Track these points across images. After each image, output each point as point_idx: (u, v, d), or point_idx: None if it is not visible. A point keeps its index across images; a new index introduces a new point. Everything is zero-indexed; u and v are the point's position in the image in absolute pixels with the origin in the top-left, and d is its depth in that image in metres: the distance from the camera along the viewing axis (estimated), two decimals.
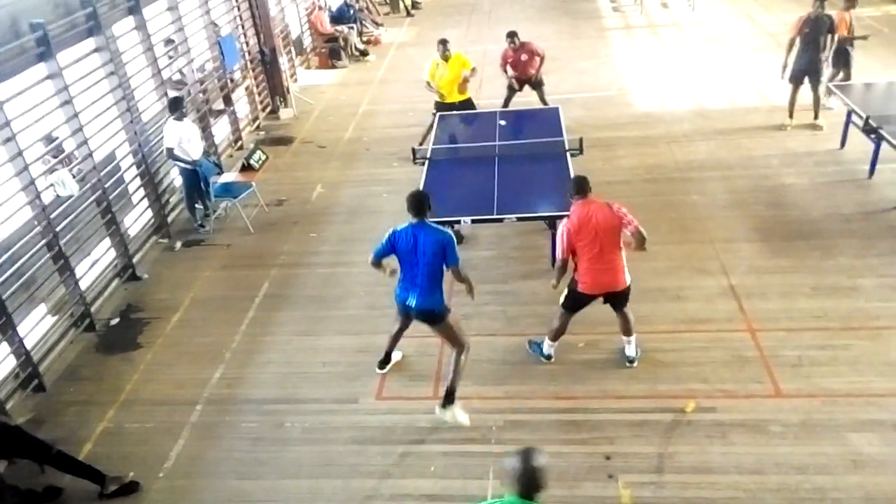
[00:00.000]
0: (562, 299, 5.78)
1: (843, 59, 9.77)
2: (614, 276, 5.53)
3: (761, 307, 6.47)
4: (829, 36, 9.29)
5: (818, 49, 9.31)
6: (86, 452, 5.62)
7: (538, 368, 6.02)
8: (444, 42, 9.44)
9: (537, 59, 9.98)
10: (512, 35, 9.90)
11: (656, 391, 5.66)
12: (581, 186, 5.55)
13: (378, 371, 6.16)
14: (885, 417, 5.22)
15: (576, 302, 5.72)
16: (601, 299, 5.69)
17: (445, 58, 9.44)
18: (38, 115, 6.70)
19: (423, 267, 5.36)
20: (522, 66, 10.00)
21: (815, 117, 9.74)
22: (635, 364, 5.90)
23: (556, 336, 5.93)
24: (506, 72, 10.12)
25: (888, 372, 5.62)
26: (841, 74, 9.91)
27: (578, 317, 6.49)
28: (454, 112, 9.72)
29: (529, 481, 3.13)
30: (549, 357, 6.03)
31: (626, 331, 5.88)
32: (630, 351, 5.93)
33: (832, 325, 6.18)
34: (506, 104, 10.27)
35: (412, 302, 5.49)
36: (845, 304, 6.39)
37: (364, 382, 6.07)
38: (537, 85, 10.23)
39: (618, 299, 5.70)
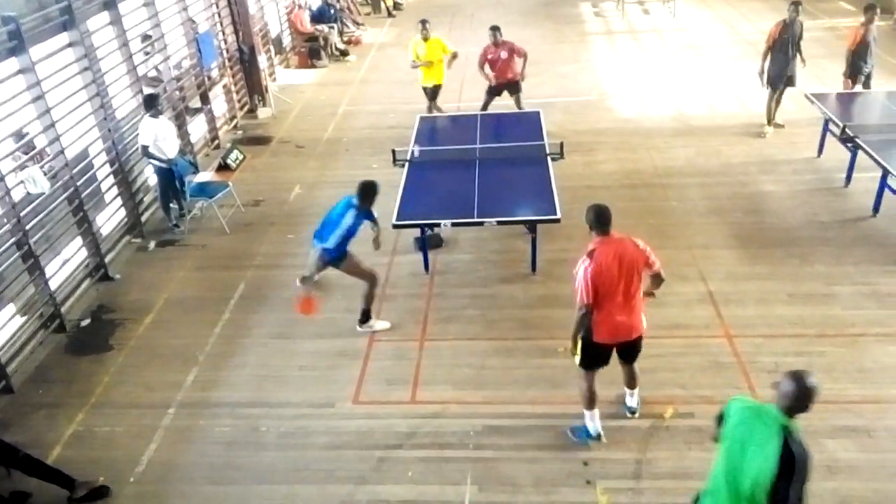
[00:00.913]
0: (577, 359, 5.09)
1: (856, 71, 9.67)
2: (634, 320, 4.93)
3: (738, 313, 6.50)
4: (800, 42, 9.54)
5: (794, 54, 9.52)
6: (54, 456, 5.49)
7: (517, 373, 5.99)
8: (423, 22, 9.94)
9: (517, 59, 9.85)
10: (495, 29, 9.83)
11: None
12: (603, 221, 4.81)
13: (297, 283, 6.76)
14: (859, 424, 5.27)
15: (593, 357, 5.04)
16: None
17: (425, 38, 9.88)
18: (9, 110, 6.54)
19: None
20: (501, 66, 9.85)
21: (773, 117, 9.96)
22: (636, 415, 5.47)
23: (590, 403, 5.20)
24: (483, 70, 9.94)
25: (862, 379, 5.68)
26: (859, 86, 9.78)
27: (557, 321, 6.52)
28: (435, 115, 9.70)
29: (799, 401, 3.34)
30: (598, 436, 5.25)
31: (631, 384, 5.42)
32: (632, 402, 5.47)
33: (808, 331, 6.23)
34: (484, 108, 10.21)
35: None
36: (821, 312, 6.45)
37: (341, 386, 5.99)
38: (514, 90, 10.10)
39: (632, 349, 5.11)
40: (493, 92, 10.16)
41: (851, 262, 7.09)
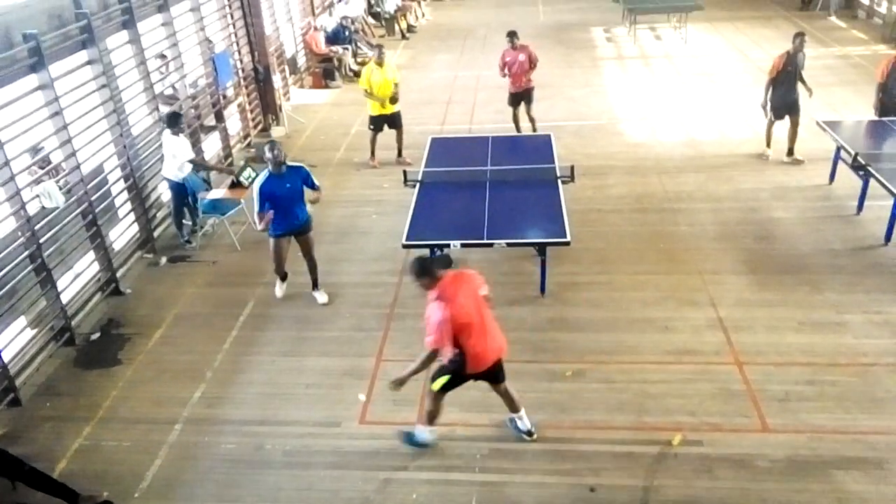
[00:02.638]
0: (438, 385, 5.13)
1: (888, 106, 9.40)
2: (499, 341, 5.13)
3: (749, 340, 6.46)
4: (801, 73, 9.53)
5: (797, 85, 9.52)
6: (60, 470, 5.49)
7: (525, 397, 5.91)
8: (380, 46, 10.29)
9: (533, 66, 10.35)
10: (512, 34, 10.29)
11: (643, 423, 5.61)
12: (430, 270, 4.80)
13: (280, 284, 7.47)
14: (870, 455, 5.20)
15: (456, 386, 5.18)
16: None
17: (380, 62, 10.06)
18: (27, 125, 6.63)
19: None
20: (518, 71, 10.24)
21: (791, 153, 9.84)
22: (535, 436, 5.48)
23: (431, 420, 5.36)
24: (504, 74, 10.40)
25: (874, 409, 5.61)
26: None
27: (565, 345, 6.51)
28: (447, 136, 9.76)
29: None
30: (426, 444, 5.42)
31: (514, 406, 5.45)
32: (525, 424, 5.47)
33: (819, 360, 6.17)
34: (515, 119, 10.68)
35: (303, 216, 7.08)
36: (832, 340, 6.40)
37: (347, 406, 5.98)
38: (529, 99, 10.51)
39: (498, 371, 5.21)
40: (514, 101, 10.57)
41: (863, 291, 7.04)
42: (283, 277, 7.50)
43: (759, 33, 16.57)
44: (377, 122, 10.40)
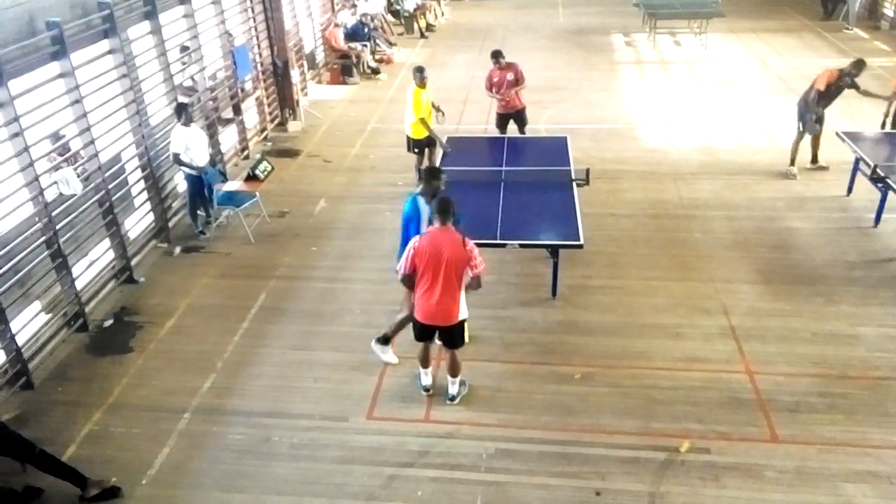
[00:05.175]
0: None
1: None
2: (447, 308, 5.44)
3: (760, 350, 6.42)
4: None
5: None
6: (69, 454, 5.54)
7: (533, 398, 5.95)
8: (421, 70, 9.04)
9: (522, 85, 9.85)
10: (497, 54, 9.77)
11: (650, 429, 5.59)
12: (444, 210, 5.38)
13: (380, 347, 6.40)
14: (880, 469, 5.16)
15: (418, 332, 5.70)
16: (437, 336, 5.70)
17: (423, 84, 9.08)
18: (48, 112, 6.69)
19: None
20: (508, 89, 9.76)
21: (816, 160, 9.77)
22: (455, 402, 5.90)
23: (422, 364, 5.94)
24: (490, 92, 9.91)
25: (885, 423, 5.56)
26: None
27: (575, 348, 6.50)
28: (463, 136, 9.72)
29: None
30: (426, 389, 5.99)
31: (452, 371, 5.86)
32: (452, 390, 5.92)
33: (831, 372, 6.13)
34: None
35: None
36: (845, 352, 6.34)
37: (355, 401, 6.00)
38: (520, 121, 10.06)
39: (449, 335, 5.63)
40: (501, 124, 10.16)
41: (877, 304, 6.98)
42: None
43: (781, 42, 16.45)
44: (421, 146, 9.54)
